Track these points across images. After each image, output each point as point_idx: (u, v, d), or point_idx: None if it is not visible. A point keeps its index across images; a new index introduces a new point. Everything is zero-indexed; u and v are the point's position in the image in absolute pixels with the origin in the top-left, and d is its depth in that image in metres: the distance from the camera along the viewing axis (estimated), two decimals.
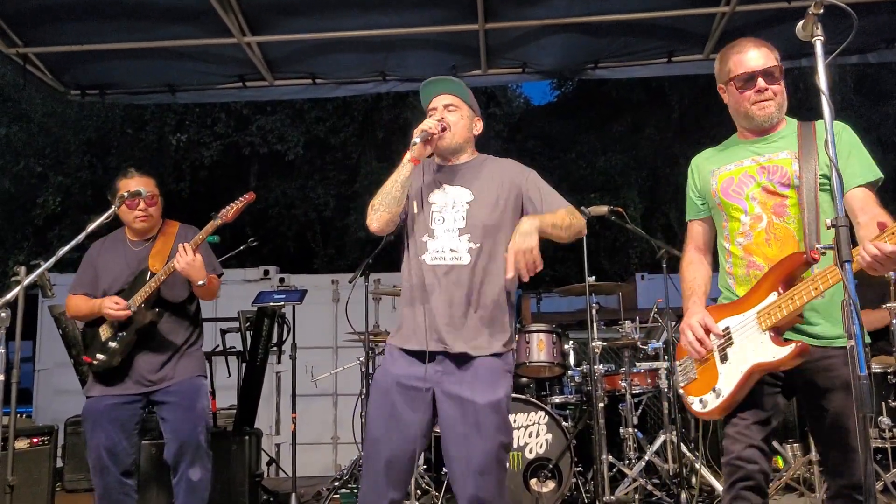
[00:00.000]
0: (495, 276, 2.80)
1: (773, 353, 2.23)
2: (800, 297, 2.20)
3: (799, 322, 2.31)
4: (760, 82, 2.41)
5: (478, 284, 2.76)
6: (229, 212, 3.40)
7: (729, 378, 2.35)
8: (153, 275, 3.43)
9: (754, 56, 2.44)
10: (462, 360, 2.72)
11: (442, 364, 2.73)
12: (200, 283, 3.40)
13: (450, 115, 2.91)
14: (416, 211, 2.89)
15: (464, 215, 2.82)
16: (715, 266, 2.68)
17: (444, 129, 2.85)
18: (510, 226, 2.79)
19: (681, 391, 2.57)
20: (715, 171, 2.58)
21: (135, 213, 3.54)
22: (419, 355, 2.73)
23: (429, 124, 2.81)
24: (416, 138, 2.77)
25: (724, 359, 2.40)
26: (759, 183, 2.46)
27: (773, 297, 2.29)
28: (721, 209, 2.55)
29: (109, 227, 3.48)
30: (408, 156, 2.80)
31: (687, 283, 2.65)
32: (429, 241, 2.82)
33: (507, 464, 2.82)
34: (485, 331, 2.75)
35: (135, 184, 3.55)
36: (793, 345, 2.22)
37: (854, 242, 2.26)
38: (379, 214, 2.80)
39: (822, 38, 1.97)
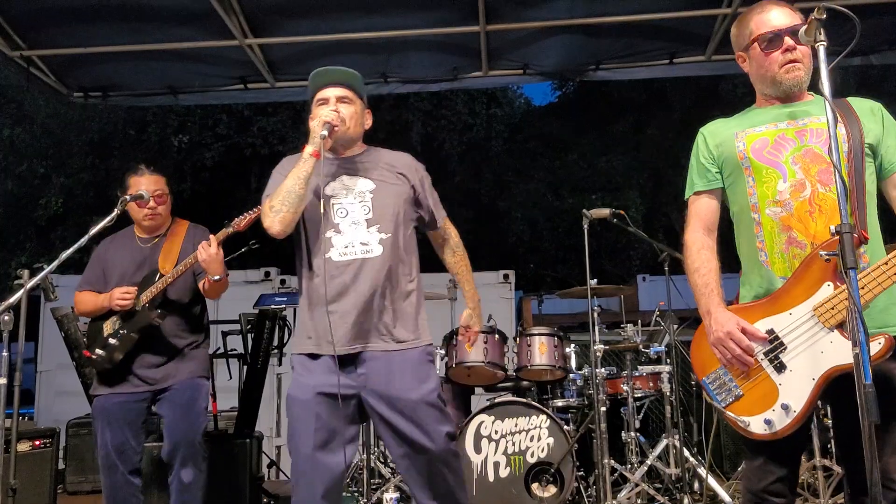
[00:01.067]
0: (406, 266, 2.74)
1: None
2: (876, 286, 1.95)
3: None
4: (788, 41, 2.17)
5: (392, 275, 2.68)
6: (241, 221, 3.36)
7: (797, 389, 2.05)
8: (162, 275, 3.43)
9: (778, 14, 2.22)
10: (384, 356, 2.62)
11: (363, 365, 2.62)
12: (217, 277, 3.36)
13: (344, 108, 2.77)
14: (313, 207, 2.72)
15: (369, 206, 2.71)
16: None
17: (340, 122, 2.72)
18: (411, 217, 2.84)
19: (727, 414, 2.17)
20: (740, 134, 2.29)
21: (144, 211, 3.56)
22: (339, 359, 2.58)
23: (330, 116, 2.67)
24: (323, 131, 2.63)
25: (780, 368, 2.09)
26: (803, 146, 2.18)
27: (827, 289, 2.02)
28: (749, 173, 2.23)
29: (118, 224, 3.47)
30: (309, 149, 2.65)
31: (702, 275, 2.27)
32: (334, 236, 2.69)
33: (457, 451, 2.75)
34: (404, 322, 2.68)
35: (145, 181, 3.58)
36: (881, 339, 1.96)
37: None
38: (282, 215, 2.63)
39: (824, 44, 1.92)
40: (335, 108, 2.73)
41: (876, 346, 1.96)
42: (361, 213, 2.70)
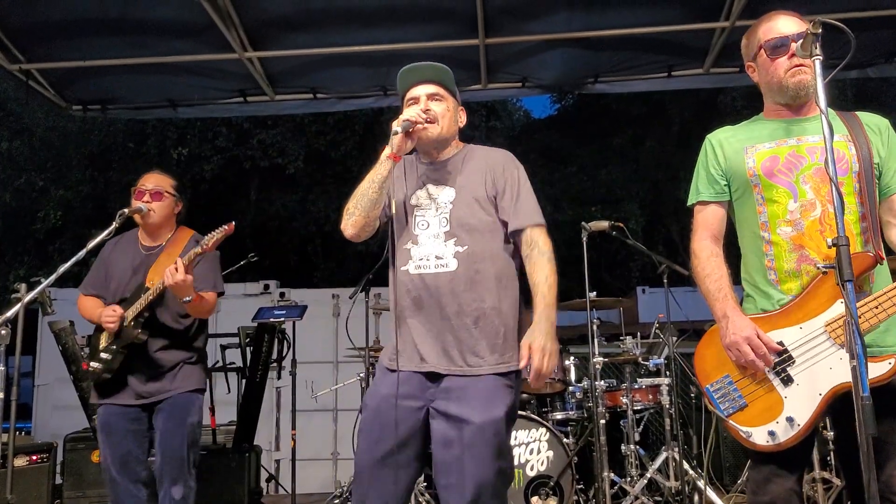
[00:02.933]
0: (489, 281, 2.51)
1: (868, 370, 1.89)
2: (890, 306, 1.96)
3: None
4: (794, 47, 2.16)
5: (468, 291, 2.48)
6: (209, 241, 3.27)
7: (803, 403, 2.06)
8: (147, 289, 3.41)
9: (786, 22, 2.24)
10: (452, 379, 2.46)
11: (435, 381, 2.48)
12: (187, 299, 3.30)
13: (435, 106, 2.60)
14: (398, 216, 2.61)
15: (447, 217, 2.55)
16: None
17: (430, 122, 2.56)
18: (494, 226, 2.57)
19: (730, 422, 2.17)
20: (749, 149, 2.27)
21: (138, 204, 3.52)
22: (406, 374, 2.49)
23: (411, 114, 2.52)
24: (397, 128, 2.48)
25: (787, 381, 2.09)
26: (813, 164, 2.16)
27: (840, 306, 2.01)
28: (758, 191, 2.22)
29: (125, 225, 3.42)
30: (386, 151, 2.51)
31: (714, 280, 2.25)
32: (412, 248, 2.56)
33: (503, 494, 2.46)
34: (481, 343, 2.46)
35: (148, 180, 3.56)
36: (891, 360, 1.98)
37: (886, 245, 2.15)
38: (354, 219, 2.55)
39: (820, 58, 1.93)
40: (426, 108, 2.58)
41: (886, 367, 1.99)
42: (440, 225, 2.55)
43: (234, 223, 3.29)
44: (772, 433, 2.08)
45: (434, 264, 2.51)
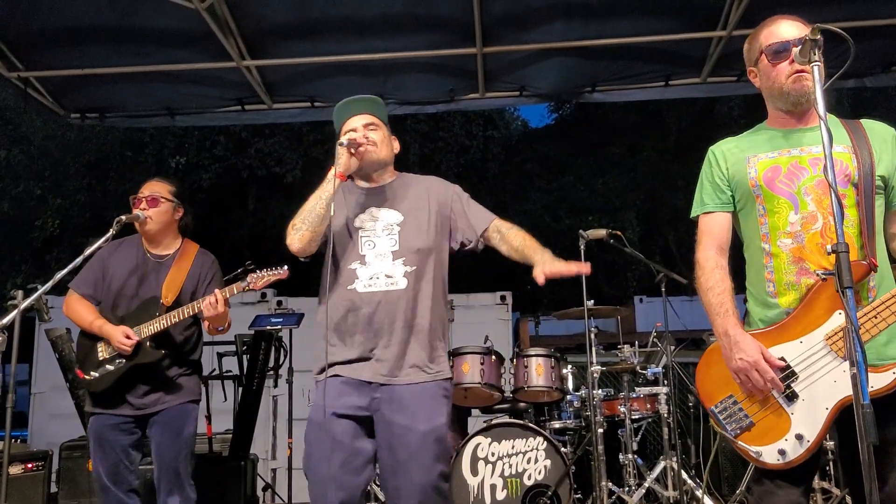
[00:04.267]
0: (430, 301, 2.72)
1: (870, 381, 1.88)
2: (889, 315, 1.95)
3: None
4: (796, 52, 2.10)
5: (414, 309, 2.68)
6: (258, 281, 3.35)
7: (811, 419, 2.03)
8: (164, 306, 3.40)
9: (788, 27, 2.20)
10: (399, 388, 2.62)
11: (379, 390, 2.62)
12: (221, 328, 3.44)
13: (372, 134, 2.81)
14: (340, 237, 2.77)
15: (396, 239, 2.73)
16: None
17: (370, 145, 2.76)
18: (440, 247, 2.79)
19: (739, 443, 2.14)
20: (751, 158, 2.25)
21: (136, 212, 3.51)
22: (354, 385, 2.62)
23: (353, 135, 2.74)
24: (343, 140, 2.69)
25: (791, 397, 2.07)
26: (816, 175, 2.13)
27: (839, 317, 2.00)
28: (760, 202, 2.21)
29: (125, 231, 3.42)
30: (333, 171, 2.68)
31: (716, 294, 2.22)
32: (359, 268, 2.71)
33: (447, 493, 2.69)
34: (423, 355, 2.67)
35: (145, 188, 3.56)
36: (894, 370, 1.97)
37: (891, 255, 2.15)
38: (301, 234, 2.69)
39: (819, 64, 1.92)
40: (364, 135, 2.78)
41: (889, 377, 1.97)
42: (388, 246, 2.72)
43: (287, 269, 3.36)
44: (782, 451, 2.06)
45: (385, 282, 2.68)
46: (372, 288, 2.67)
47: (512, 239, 2.81)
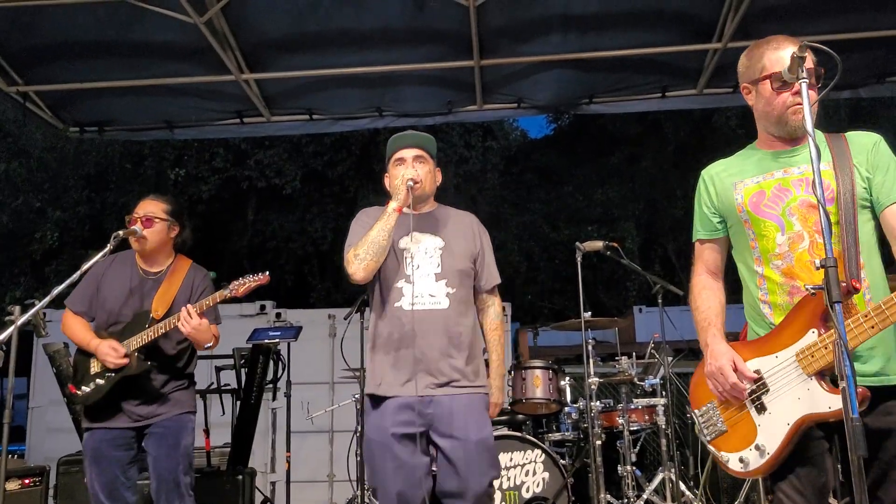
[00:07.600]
0: (469, 319, 2.99)
1: (829, 402, 1.95)
2: (854, 338, 1.92)
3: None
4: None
5: (457, 326, 2.91)
6: (240, 287, 3.37)
7: (772, 432, 2.07)
8: (153, 319, 3.40)
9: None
10: (448, 400, 2.83)
11: (431, 405, 2.83)
12: (207, 346, 3.42)
13: (420, 167, 3.05)
14: (388, 258, 2.96)
15: (438, 262, 2.96)
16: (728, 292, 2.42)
17: (417, 182, 2.98)
18: (472, 275, 3.06)
19: (710, 447, 2.25)
20: (738, 184, 2.28)
21: (133, 227, 3.50)
22: (408, 401, 2.82)
23: (411, 174, 2.97)
24: (410, 182, 2.92)
25: (760, 409, 2.11)
26: (798, 196, 2.15)
27: (811, 335, 2.02)
28: (748, 226, 2.24)
29: (119, 247, 3.41)
30: (393, 205, 2.92)
31: (701, 312, 2.34)
32: (405, 286, 2.91)
33: (493, 496, 2.98)
34: (468, 369, 2.90)
35: (140, 207, 3.55)
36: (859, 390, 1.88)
37: (888, 264, 2.15)
38: (366, 263, 2.88)
39: (807, 81, 1.94)
40: (412, 166, 3.03)
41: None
42: (431, 268, 2.95)
43: (268, 274, 3.47)
44: (742, 460, 2.14)
45: (429, 302, 2.90)
46: (416, 306, 2.87)
47: (487, 326, 3.16)
